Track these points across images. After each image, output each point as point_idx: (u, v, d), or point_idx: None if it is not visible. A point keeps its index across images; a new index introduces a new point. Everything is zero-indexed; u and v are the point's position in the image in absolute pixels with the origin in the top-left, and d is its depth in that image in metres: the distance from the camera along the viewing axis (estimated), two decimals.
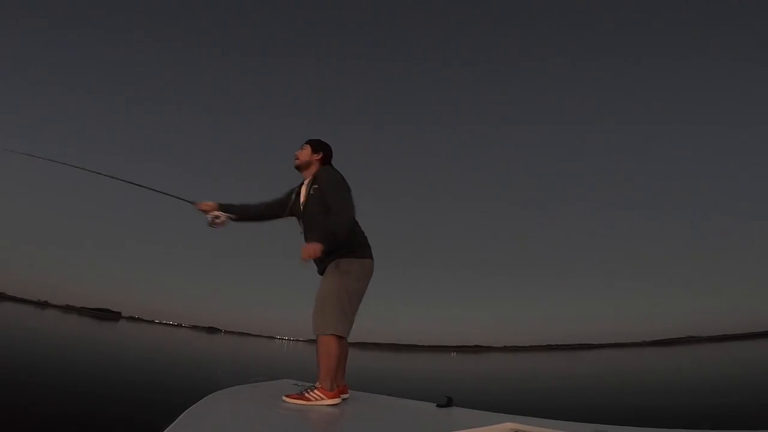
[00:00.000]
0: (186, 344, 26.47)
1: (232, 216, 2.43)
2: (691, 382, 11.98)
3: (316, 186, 2.26)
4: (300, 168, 2.41)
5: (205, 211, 2.42)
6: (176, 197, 2.52)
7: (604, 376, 15.63)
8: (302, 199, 2.36)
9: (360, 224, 2.30)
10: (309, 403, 1.96)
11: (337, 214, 2.11)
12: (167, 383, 7.45)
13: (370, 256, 2.26)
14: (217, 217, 2.38)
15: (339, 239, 2.08)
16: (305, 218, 2.31)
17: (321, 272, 2.24)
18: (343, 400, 2.12)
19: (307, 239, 2.26)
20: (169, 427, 1.29)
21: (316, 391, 2.00)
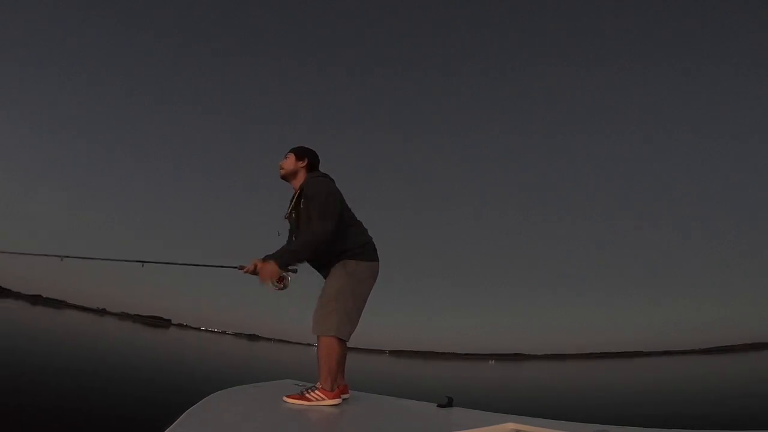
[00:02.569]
0: (213, 348, 27.06)
1: (294, 269, 2.23)
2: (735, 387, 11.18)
3: (303, 200, 2.18)
4: (286, 178, 2.33)
5: (269, 275, 2.21)
6: (222, 266, 2.33)
7: (635, 382, 14.76)
8: (288, 210, 2.29)
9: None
10: (309, 403, 1.97)
11: (307, 234, 2.06)
12: (169, 383, 7.67)
13: (376, 259, 2.25)
14: (280, 278, 2.16)
15: (301, 258, 2.08)
16: (297, 233, 2.26)
17: (325, 276, 2.24)
18: (344, 400, 2.12)
19: None
20: (170, 427, 1.32)
21: (316, 391, 2.01)
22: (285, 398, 2.01)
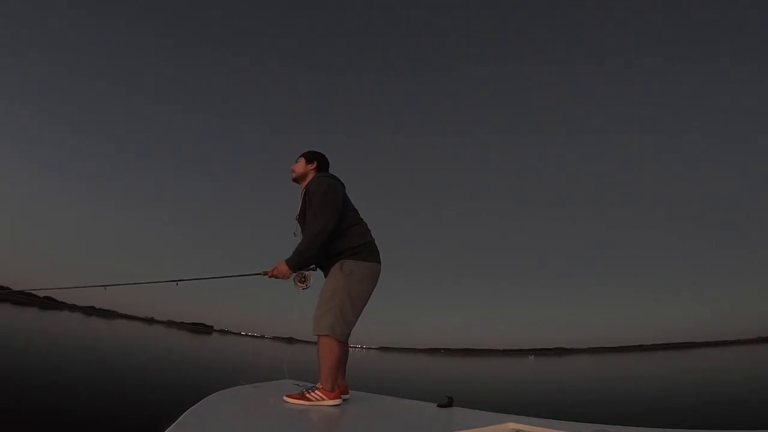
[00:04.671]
0: (227, 349, 27.37)
1: (313, 267, 2.27)
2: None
3: (307, 198, 2.25)
4: (297, 180, 2.44)
5: (283, 276, 2.25)
6: (247, 274, 2.40)
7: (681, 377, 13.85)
8: (298, 210, 2.36)
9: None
10: (310, 403, 1.98)
11: (307, 232, 2.13)
12: (170, 383, 7.76)
13: (377, 261, 2.23)
14: (302, 278, 2.21)
15: (308, 256, 2.11)
16: (304, 231, 2.29)
17: (326, 275, 2.26)
18: (344, 400, 2.11)
19: None
20: (171, 426, 1.34)
21: (317, 391, 2.01)
22: (285, 398, 2.02)
